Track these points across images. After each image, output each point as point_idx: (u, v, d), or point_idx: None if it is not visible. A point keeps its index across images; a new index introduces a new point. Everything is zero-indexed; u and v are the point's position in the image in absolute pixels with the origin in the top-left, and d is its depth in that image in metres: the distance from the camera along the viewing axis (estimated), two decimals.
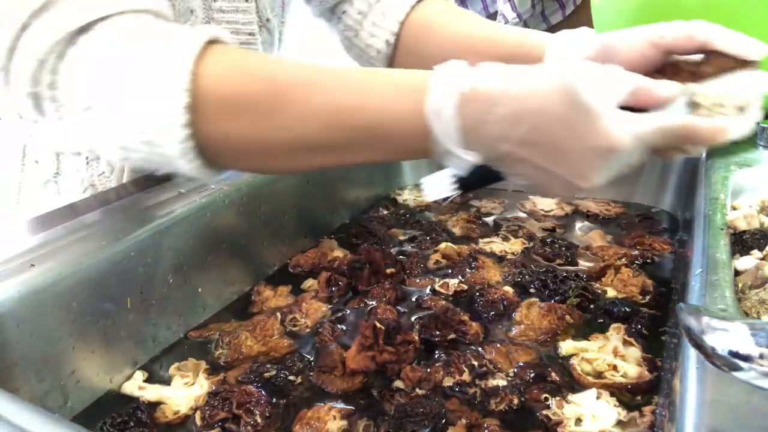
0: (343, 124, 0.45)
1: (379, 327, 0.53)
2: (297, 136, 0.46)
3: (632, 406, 0.47)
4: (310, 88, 0.45)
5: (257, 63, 0.47)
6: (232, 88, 0.45)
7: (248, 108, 0.45)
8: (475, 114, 0.41)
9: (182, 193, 0.64)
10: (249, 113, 0.45)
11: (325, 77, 0.46)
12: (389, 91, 0.44)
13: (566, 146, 0.40)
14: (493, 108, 0.40)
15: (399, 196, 0.96)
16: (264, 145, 0.47)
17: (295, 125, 0.45)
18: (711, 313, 0.29)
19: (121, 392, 0.53)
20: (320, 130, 0.45)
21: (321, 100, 0.45)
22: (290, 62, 0.48)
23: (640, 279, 0.63)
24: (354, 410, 0.49)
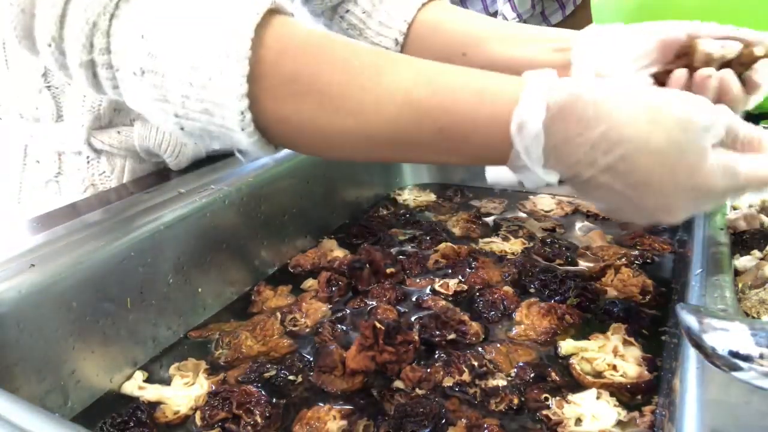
0: (413, 122, 0.41)
1: (379, 327, 0.53)
2: (363, 125, 0.42)
3: (632, 406, 0.47)
4: (382, 77, 0.41)
5: (326, 38, 0.43)
6: (294, 63, 0.41)
7: (312, 88, 0.41)
8: (564, 135, 0.38)
9: (182, 193, 0.64)
10: (312, 94, 0.41)
11: (400, 67, 0.42)
12: (470, 94, 0.40)
13: (659, 181, 0.38)
14: (584, 131, 0.38)
15: (399, 196, 0.96)
16: (326, 131, 0.43)
17: (363, 114, 0.41)
18: (711, 313, 0.29)
19: (121, 392, 0.53)
20: (388, 122, 0.41)
21: (393, 91, 0.41)
22: (359, 45, 0.44)
23: (640, 279, 0.63)
24: (354, 410, 0.49)
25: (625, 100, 0.38)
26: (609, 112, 0.37)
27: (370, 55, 0.43)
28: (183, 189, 0.65)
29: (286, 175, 0.76)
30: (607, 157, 0.38)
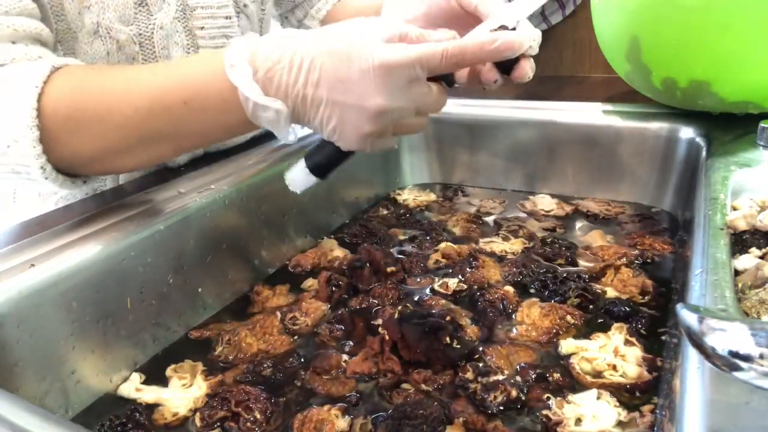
0: (164, 105, 0.51)
1: (387, 340, 0.54)
2: (132, 129, 0.52)
3: (632, 406, 0.46)
4: (129, 86, 0.51)
5: (90, 77, 0.53)
6: (67, 107, 0.51)
7: (83, 121, 0.51)
8: (268, 62, 0.47)
9: (182, 193, 0.64)
10: (85, 125, 0.51)
11: (141, 73, 0.53)
12: (192, 66, 0.52)
13: (344, 73, 0.46)
14: (278, 57, 0.47)
15: (399, 196, 0.96)
16: (107, 149, 0.53)
17: (126, 123, 0.51)
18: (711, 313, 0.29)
19: (118, 394, 0.53)
20: (148, 116, 0.51)
21: (140, 90, 0.51)
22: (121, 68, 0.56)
23: (640, 279, 0.63)
24: (353, 410, 0.49)
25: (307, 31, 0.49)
26: (295, 38, 0.48)
27: (124, 72, 0.53)
28: (183, 189, 0.65)
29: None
30: (303, 70, 0.47)
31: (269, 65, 0.47)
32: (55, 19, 0.62)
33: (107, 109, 0.51)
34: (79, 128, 0.52)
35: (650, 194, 0.85)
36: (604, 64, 0.88)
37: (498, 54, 0.47)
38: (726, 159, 0.63)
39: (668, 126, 0.81)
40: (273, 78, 0.47)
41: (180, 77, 0.51)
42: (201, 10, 0.68)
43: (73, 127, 0.52)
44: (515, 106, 0.95)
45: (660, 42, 0.72)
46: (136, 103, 0.51)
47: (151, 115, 0.51)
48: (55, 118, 0.51)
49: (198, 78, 0.50)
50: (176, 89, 0.51)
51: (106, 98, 0.51)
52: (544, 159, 0.92)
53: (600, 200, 0.87)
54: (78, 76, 0.53)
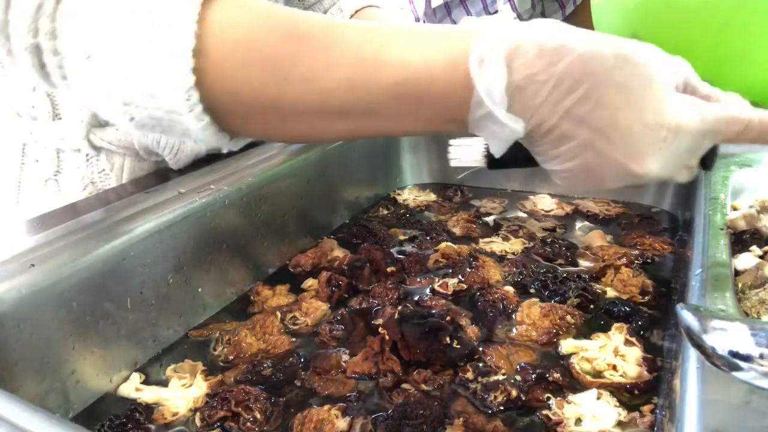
0: (367, 81, 0.39)
1: (387, 340, 0.54)
2: (316, 91, 0.39)
3: (632, 406, 0.46)
4: (331, 39, 0.39)
5: (272, 7, 0.41)
6: (241, 33, 0.39)
7: (261, 56, 0.39)
8: (527, 69, 0.35)
9: (182, 193, 0.64)
10: (262, 62, 0.39)
11: (347, 29, 0.40)
12: (423, 43, 0.38)
13: (625, 120, 0.36)
14: (548, 65, 0.35)
15: (399, 196, 0.96)
16: (279, 101, 0.40)
17: (315, 79, 0.39)
18: (711, 313, 0.29)
19: (118, 394, 0.53)
20: (340, 86, 0.39)
21: (343, 51, 0.39)
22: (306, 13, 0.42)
23: (640, 279, 0.63)
24: (353, 410, 0.49)
25: (584, 35, 0.37)
26: (570, 45, 0.36)
27: (318, 19, 0.41)
28: (183, 189, 0.65)
29: (286, 175, 0.76)
30: (572, 96, 0.36)
31: (528, 72, 0.35)
32: None
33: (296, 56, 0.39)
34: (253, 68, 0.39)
35: (650, 194, 0.85)
36: None
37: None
38: (726, 159, 0.63)
39: None
40: (526, 92, 0.36)
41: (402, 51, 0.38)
42: None
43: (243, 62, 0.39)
44: None
45: (660, 42, 0.72)
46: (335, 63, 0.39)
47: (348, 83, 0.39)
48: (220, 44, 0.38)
49: (425, 60, 0.37)
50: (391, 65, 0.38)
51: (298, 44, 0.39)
52: None
53: (600, 200, 0.87)
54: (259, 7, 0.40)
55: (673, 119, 0.36)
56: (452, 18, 1.30)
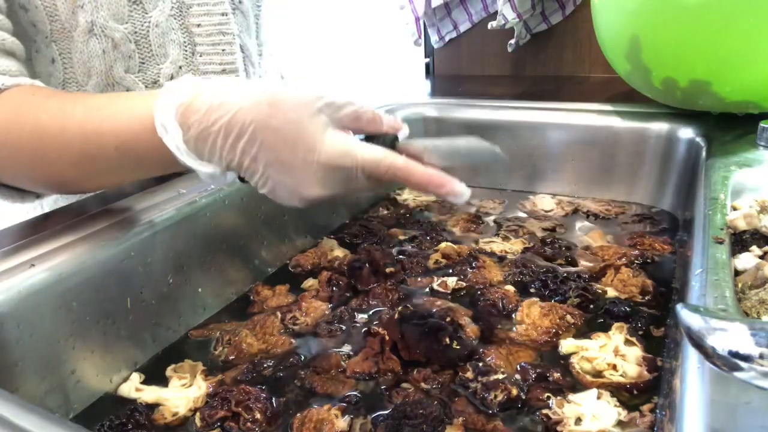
0: (95, 150, 0.49)
1: (387, 340, 0.54)
2: (66, 168, 0.51)
3: (632, 406, 0.46)
4: (64, 121, 0.50)
5: (29, 107, 0.52)
6: (3, 135, 0.51)
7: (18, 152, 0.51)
8: (201, 124, 0.44)
9: (182, 193, 0.64)
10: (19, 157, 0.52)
11: (77, 108, 0.50)
12: (124, 112, 0.48)
13: (286, 158, 0.44)
14: (216, 120, 0.43)
15: (399, 196, 0.96)
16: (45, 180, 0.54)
17: (59, 160, 0.50)
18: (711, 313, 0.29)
19: (118, 394, 0.53)
20: (80, 159, 0.50)
21: (72, 132, 0.49)
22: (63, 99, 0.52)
23: (640, 279, 0.63)
24: (353, 410, 0.49)
25: (246, 89, 0.45)
26: (232, 100, 0.44)
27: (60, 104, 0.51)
28: (183, 189, 0.65)
29: None
30: (242, 140, 0.43)
31: (203, 126, 0.44)
32: (49, 20, 0.62)
33: (40, 144, 0.51)
34: (14, 158, 0.52)
35: (650, 194, 0.85)
36: (604, 64, 0.88)
37: (440, 195, 0.47)
38: (726, 159, 0.63)
39: (668, 126, 0.81)
40: (207, 141, 0.44)
41: (111, 124, 0.49)
42: (197, 8, 0.68)
43: (7, 155, 0.52)
44: (515, 107, 0.95)
45: (660, 42, 0.72)
46: (69, 142, 0.50)
47: (84, 156, 0.50)
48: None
49: (129, 128, 0.48)
50: (107, 135, 0.49)
51: (40, 133, 0.50)
52: (544, 159, 0.92)
53: (600, 200, 0.87)
54: (18, 102, 0.52)
55: (324, 158, 0.43)
56: (452, 18, 1.30)
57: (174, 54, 0.67)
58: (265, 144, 0.44)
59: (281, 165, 0.44)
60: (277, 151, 0.44)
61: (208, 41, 0.69)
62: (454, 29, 1.32)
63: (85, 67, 0.65)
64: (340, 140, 0.45)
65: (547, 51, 1.25)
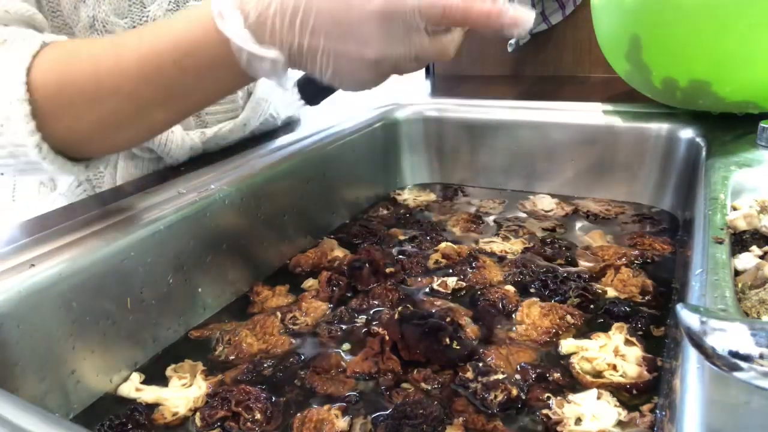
0: (154, 71, 0.48)
1: (387, 340, 0.54)
2: (125, 100, 0.50)
3: (632, 406, 0.46)
4: (118, 51, 0.49)
5: (80, 47, 0.51)
6: (57, 78, 0.49)
7: (75, 92, 0.49)
8: (255, 11, 0.44)
9: (182, 193, 0.64)
10: (77, 96, 0.49)
11: (130, 37, 0.50)
12: (179, 21, 0.49)
13: (344, 19, 0.43)
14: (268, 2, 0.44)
15: (399, 196, 0.96)
16: (103, 121, 0.51)
17: (118, 90, 0.49)
18: (711, 313, 0.29)
19: (118, 394, 0.53)
20: (138, 85, 0.49)
21: (129, 57, 0.48)
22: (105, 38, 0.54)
23: (640, 279, 0.63)
24: (353, 410, 0.49)
25: None
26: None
27: (109, 40, 0.52)
28: (183, 189, 0.65)
29: (286, 175, 0.76)
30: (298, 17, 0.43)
31: (260, 9, 0.44)
32: (51, 16, 0.62)
33: (97, 77, 0.49)
34: (72, 100, 0.50)
35: (650, 194, 0.85)
36: (604, 64, 0.88)
37: (501, 27, 0.44)
38: (726, 159, 0.63)
39: (668, 126, 0.81)
40: (266, 24, 0.44)
41: (168, 36, 0.48)
42: (194, 2, 0.68)
43: (65, 99, 0.50)
44: (515, 106, 0.95)
45: (660, 42, 0.72)
46: (127, 68, 0.49)
47: (142, 80, 0.49)
48: (45, 90, 0.49)
49: (186, 34, 0.47)
50: (166, 50, 0.48)
51: (96, 67, 0.49)
52: (544, 159, 0.92)
53: (600, 200, 0.87)
54: (68, 47, 0.51)
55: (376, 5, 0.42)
56: None
57: None
58: (320, 12, 0.43)
59: (338, 29, 0.43)
60: (331, 15, 0.43)
61: None
62: None
63: None
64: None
65: (547, 51, 1.25)
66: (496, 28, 0.45)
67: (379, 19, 0.42)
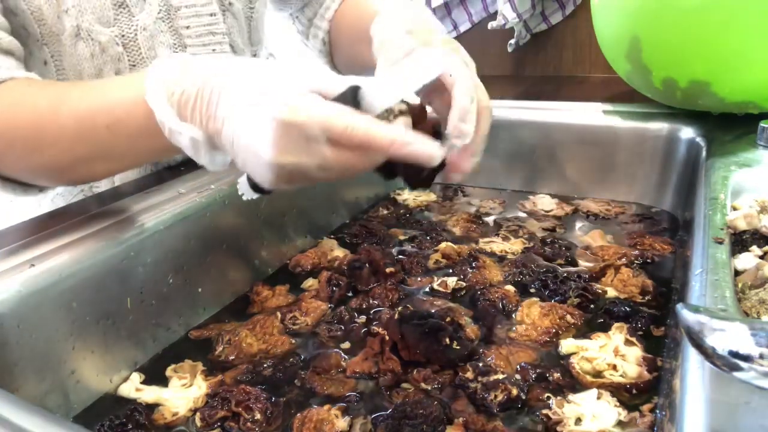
0: (88, 131, 0.51)
1: (387, 340, 0.54)
2: (62, 153, 0.52)
3: (632, 406, 0.46)
4: (59, 106, 0.51)
5: (26, 95, 0.54)
6: (1, 123, 0.53)
7: (15, 139, 0.53)
8: (183, 85, 0.46)
9: (182, 193, 0.64)
10: (17, 143, 0.53)
11: (73, 92, 0.52)
12: (115, 89, 0.51)
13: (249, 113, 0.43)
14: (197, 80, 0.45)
15: (399, 196, 0.96)
16: (43, 166, 0.54)
17: (56, 143, 0.52)
18: (711, 313, 0.29)
19: (118, 394, 0.53)
20: (75, 142, 0.51)
21: (67, 114, 0.51)
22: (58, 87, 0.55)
23: (640, 279, 0.63)
24: (353, 410, 0.49)
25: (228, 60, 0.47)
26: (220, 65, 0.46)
27: (56, 91, 0.53)
28: (183, 189, 0.65)
29: None
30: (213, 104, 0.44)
31: (184, 87, 0.46)
32: (37, 24, 0.63)
33: (37, 129, 0.52)
34: (12, 146, 0.53)
35: (650, 194, 0.85)
36: (604, 64, 0.88)
37: (408, 159, 0.42)
38: (726, 159, 0.63)
39: (668, 126, 0.81)
40: (188, 103, 0.46)
41: (104, 100, 0.50)
42: (185, 10, 0.68)
43: (5, 144, 0.53)
44: (515, 106, 0.95)
45: (660, 42, 0.72)
46: (64, 125, 0.51)
47: (78, 139, 0.51)
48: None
49: (118, 102, 0.50)
50: (100, 114, 0.50)
51: (38, 120, 0.52)
52: (544, 159, 0.92)
53: (600, 200, 0.87)
54: (15, 92, 0.54)
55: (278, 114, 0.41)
56: (452, 18, 1.30)
57: (164, 55, 0.67)
58: (231, 102, 0.44)
59: (243, 121, 0.43)
60: (240, 108, 0.43)
61: (198, 42, 0.70)
62: (454, 29, 1.31)
63: (75, 70, 0.66)
64: (297, 96, 0.42)
65: (547, 51, 1.25)
66: (401, 157, 0.43)
67: (279, 125, 0.41)
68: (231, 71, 0.45)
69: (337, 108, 0.42)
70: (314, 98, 0.43)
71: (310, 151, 0.42)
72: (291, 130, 0.41)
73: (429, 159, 0.42)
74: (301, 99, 0.42)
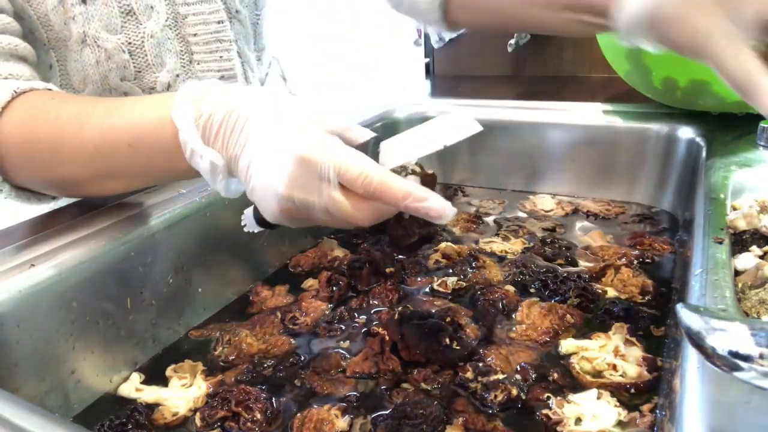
0: (109, 148, 0.50)
1: (387, 340, 0.54)
2: (81, 167, 0.52)
3: (632, 406, 0.47)
4: (81, 121, 0.51)
5: (48, 106, 0.53)
6: (21, 135, 0.52)
7: (34, 151, 0.53)
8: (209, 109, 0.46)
9: (182, 193, 0.64)
10: (36, 155, 0.53)
11: (97, 108, 0.52)
12: (141, 108, 0.50)
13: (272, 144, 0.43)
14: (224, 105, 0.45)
15: None
16: (60, 179, 0.54)
17: (76, 158, 0.52)
18: (711, 313, 0.29)
19: (118, 394, 0.53)
20: (95, 157, 0.51)
21: (90, 130, 0.51)
22: (81, 100, 0.54)
23: (640, 279, 0.63)
24: (353, 410, 0.49)
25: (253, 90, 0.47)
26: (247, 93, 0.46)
27: (78, 105, 0.53)
28: (183, 189, 0.65)
29: None
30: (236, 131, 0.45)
31: (211, 111, 0.46)
32: (45, 29, 0.63)
33: (58, 144, 0.52)
34: (31, 158, 0.53)
35: (650, 194, 0.85)
36: (604, 64, 0.88)
37: (418, 214, 0.42)
38: (726, 159, 0.63)
39: (668, 126, 0.81)
40: (213, 126, 0.46)
41: (128, 119, 0.50)
42: (193, 17, 0.68)
43: (24, 155, 0.53)
44: (515, 107, 0.95)
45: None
46: (86, 140, 0.51)
47: (98, 155, 0.51)
48: (7, 146, 0.52)
49: (144, 122, 0.49)
50: (123, 131, 0.50)
51: (59, 134, 0.52)
52: (544, 159, 0.92)
53: (600, 200, 0.87)
54: (37, 104, 0.53)
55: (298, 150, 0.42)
56: None
57: (171, 63, 0.68)
58: (254, 132, 0.44)
59: (263, 151, 0.43)
60: (261, 140, 0.44)
61: (205, 49, 0.70)
62: None
63: (80, 75, 0.66)
64: (319, 135, 0.43)
65: (547, 51, 1.25)
66: (412, 211, 0.43)
67: (298, 160, 0.42)
68: (260, 102, 0.45)
69: (355, 153, 0.43)
70: (335, 140, 0.43)
71: (320, 191, 0.42)
72: (307, 166, 0.42)
73: (440, 216, 0.42)
74: (323, 138, 0.43)
